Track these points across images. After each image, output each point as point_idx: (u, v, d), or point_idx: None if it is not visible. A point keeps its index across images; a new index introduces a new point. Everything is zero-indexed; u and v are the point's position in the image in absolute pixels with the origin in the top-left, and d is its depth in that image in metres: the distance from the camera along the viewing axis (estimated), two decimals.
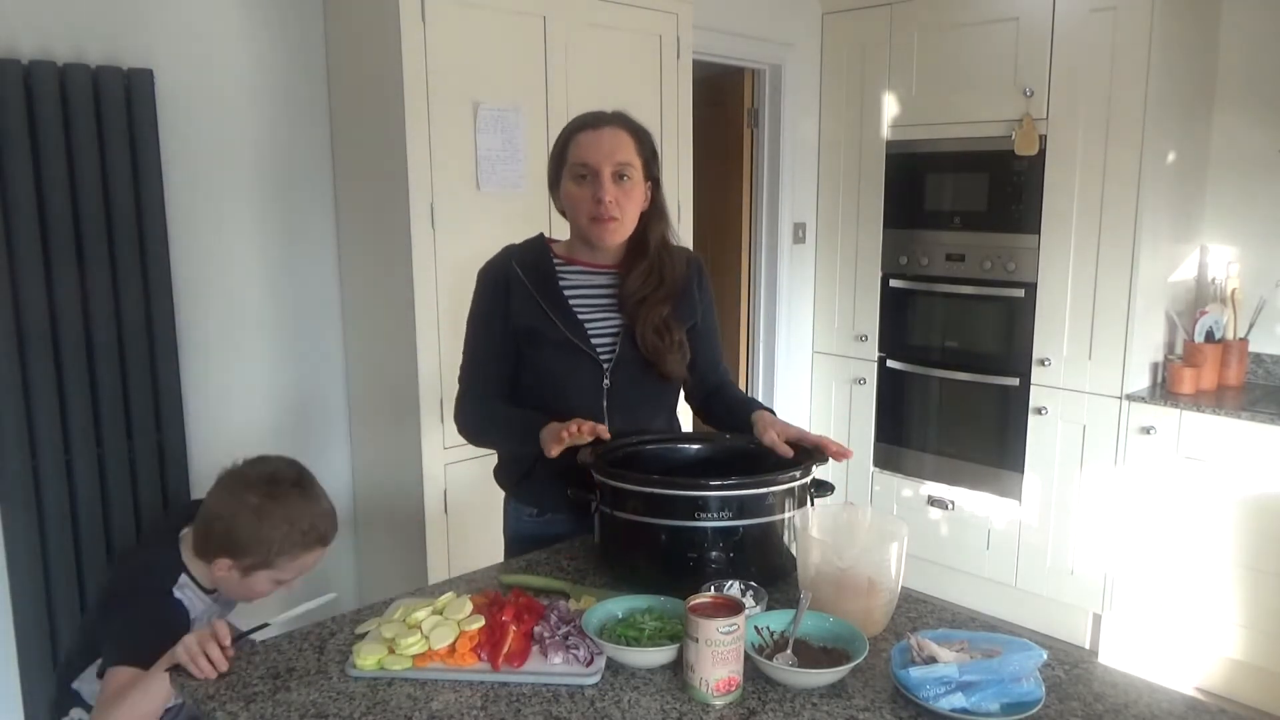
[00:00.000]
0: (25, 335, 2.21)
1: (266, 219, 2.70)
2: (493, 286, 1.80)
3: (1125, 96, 3.12)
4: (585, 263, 1.80)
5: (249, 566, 1.65)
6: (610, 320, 1.78)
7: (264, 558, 1.65)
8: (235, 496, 1.65)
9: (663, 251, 1.79)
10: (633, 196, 1.72)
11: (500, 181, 2.70)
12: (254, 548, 1.64)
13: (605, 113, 1.76)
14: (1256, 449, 2.90)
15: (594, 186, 1.69)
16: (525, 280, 1.77)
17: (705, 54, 3.48)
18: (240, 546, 1.64)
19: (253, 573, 1.66)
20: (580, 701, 1.25)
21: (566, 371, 1.75)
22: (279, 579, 1.69)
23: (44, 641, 2.30)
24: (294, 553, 1.66)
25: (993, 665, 1.21)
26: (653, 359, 1.75)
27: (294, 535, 1.65)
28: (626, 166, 1.70)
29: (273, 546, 1.64)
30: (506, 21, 2.67)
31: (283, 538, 1.64)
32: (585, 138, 1.71)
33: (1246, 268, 3.33)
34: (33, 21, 2.24)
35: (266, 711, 1.22)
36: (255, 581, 1.68)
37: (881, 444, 3.97)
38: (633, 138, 1.73)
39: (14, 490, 2.23)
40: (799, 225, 4.06)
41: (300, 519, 1.67)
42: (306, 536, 1.67)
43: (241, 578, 1.66)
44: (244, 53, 2.60)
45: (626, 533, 1.57)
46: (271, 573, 1.67)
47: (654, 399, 1.84)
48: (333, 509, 1.74)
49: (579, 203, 1.72)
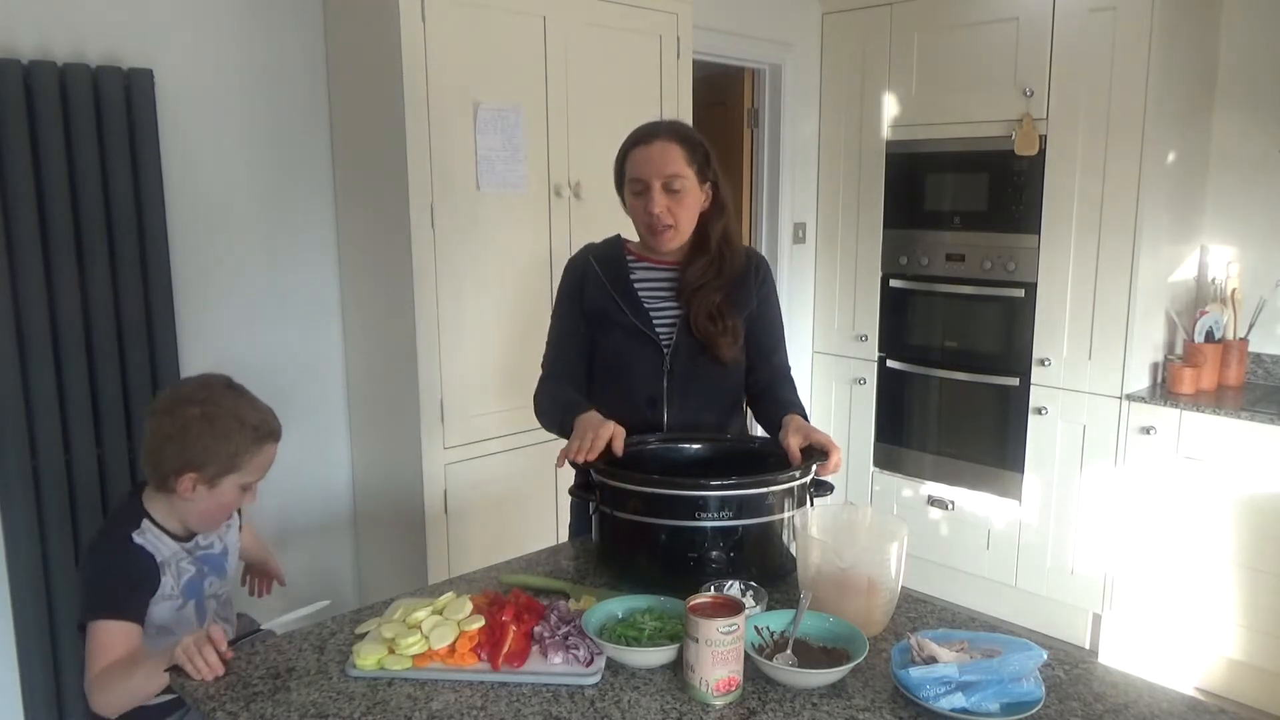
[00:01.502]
0: (25, 335, 2.21)
1: (266, 219, 2.70)
2: (571, 275, 1.96)
3: (1125, 96, 3.12)
4: (652, 260, 1.93)
5: (214, 475, 1.63)
6: (673, 310, 1.89)
7: (227, 461, 1.63)
8: (176, 415, 1.64)
9: (723, 246, 1.89)
10: (685, 204, 1.83)
11: (500, 181, 2.70)
12: (213, 454, 1.62)
13: (658, 126, 1.87)
14: (1256, 449, 2.90)
15: (646, 199, 1.81)
16: (599, 271, 1.91)
17: (705, 54, 3.48)
18: (199, 458, 1.62)
19: (219, 481, 1.64)
20: (580, 701, 1.25)
21: (631, 355, 1.88)
22: (244, 482, 1.68)
23: (44, 641, 2.30)
24: (251, 450, 1.66)
25: (993, 665, 1.21)
26: (706, 342, 1.85)
27: (247, 432, 1.65)
28: (676, 178, 1.80)
29: (230, 448, 1.63)
30: (506, 21, 2.67)
31: (238, 437, 1.65)
32: (638, 154, 1.83)
33: (1246, 268, 3.33)
34: (33, 21, 2.24)
35: (266, 711, 1.22)
36: (223, 492, 1.65)
37: (881, 444, 3.97)
38: (682, 147, 1.82)
39: (14, 490, 2.23)
40: (799, 225, 4.06)
41: (247, 415, 1.66)
42: (259, 431, 1.67)
43: (209, 490, 1.64)
44: (244, 53, 2.60)
45: (626, 533, 1.57)
46: (236, 476, 1.66)
47: (711, 385, 1.92)
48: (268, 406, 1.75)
49: (637, 214, 1.86)
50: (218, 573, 1.77)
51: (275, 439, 1.71)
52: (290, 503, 2.81)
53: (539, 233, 2.83)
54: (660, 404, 1.86)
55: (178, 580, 1.67)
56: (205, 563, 1.74)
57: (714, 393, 1.92)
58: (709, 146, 1.87)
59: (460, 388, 2.68)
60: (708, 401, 1.91)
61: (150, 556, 1.63)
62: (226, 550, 1.80)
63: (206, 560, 1.74)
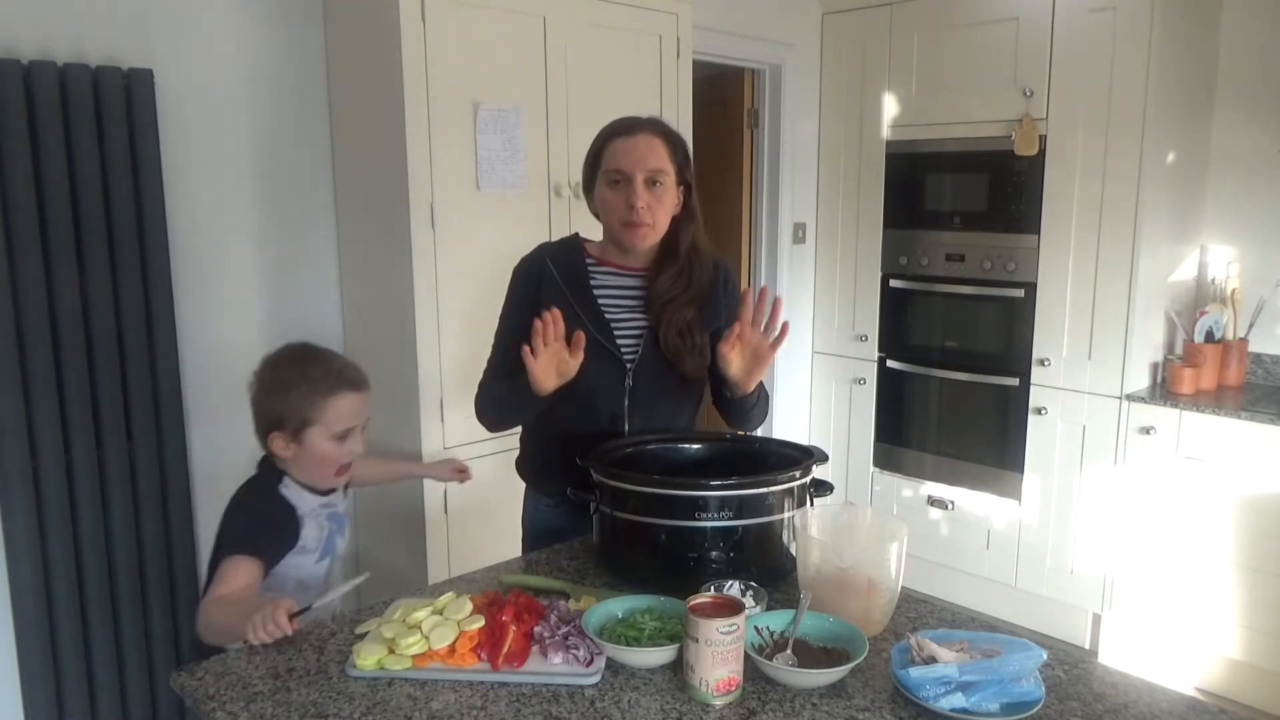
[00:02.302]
0: (25, 335, 2.21)
1: (266, 219, 2.70)
2: (524, 279, 1.85)
3: (1125, 96, 3.12)
4: (616, 264, 1.84)
5: (294, 431, 1.71)
6: (636, 321, 1.81)
7: (300, 415, 1.71)
8: (257, 381, 1.76)
9: (692, 255, 1.82)
10: (664, 202, 1.76)
11: (500, 182, 2.70)
12: (287, 411, 1.71)
13: (640, 119, 1.79)
14: (1256, 449, 2.90)
15: (627, 192, 1.73)
16: (557, 276, 1.81)
17: (705, 54, 3.48)
18: (278, 417, 1.72)
19: (302, 434, 1.71)
20: (580, 701, 1.25)
21: (593, 372, 1.76)
22: (331, 432, 1.72)
23: (44, 641, 2.30)
24: (322, 401, 1.71)
25: (993, 665, 1.21)
26: (674, 360, 1.78)
27: (312, 384, 1.72)
28: (659, 173, 1.73)
29: (300, 400, 1.71)
30: (506, 21, 2.67)
31: (306, 388, 1.71)
32: (620, 144, 1.74)
33: (1246, 268, 3.33)
34: (33, 21, 2.24)
35: (266, 711, 1.22)
36: (313, 445, 1.72)
37: (881, 444, 3.97)
38: (666, 144, 1.75)
39: (14, 490, 2.23)
40: (799, 225, 4.06)
41: (312, 369, 1.74)
42: (327, 381, 1.73)
43: (299, 445, 1.72)
44: (244, 53, 2.60)
45: (626, 533, 1.57)
46: (318, 428, 1.71)
47: (675, 400, 1.86)
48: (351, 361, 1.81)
49: (613, 208, 1.76)
50: (342, 532, 1.84)
51: (350, 389, 1.75)
52: None
53: (539, 233, 2.82)
54: (622, 419, 1.80)
55: (320, 534, 1.75)
56: (334, 521, 1.81)
57: (676, 403, 1.87)
58: (688, 149, 1.81)
59: (461, 388, 2.68)
60: (671, 413, 1.86)
61: (293, 508, 1.73)
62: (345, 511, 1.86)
63: (334, 519, 1.81)
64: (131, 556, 2.42)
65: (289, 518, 1.72)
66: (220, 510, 1.71)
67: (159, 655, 2.49)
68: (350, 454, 1.76)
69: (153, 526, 2.45)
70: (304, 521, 1.74)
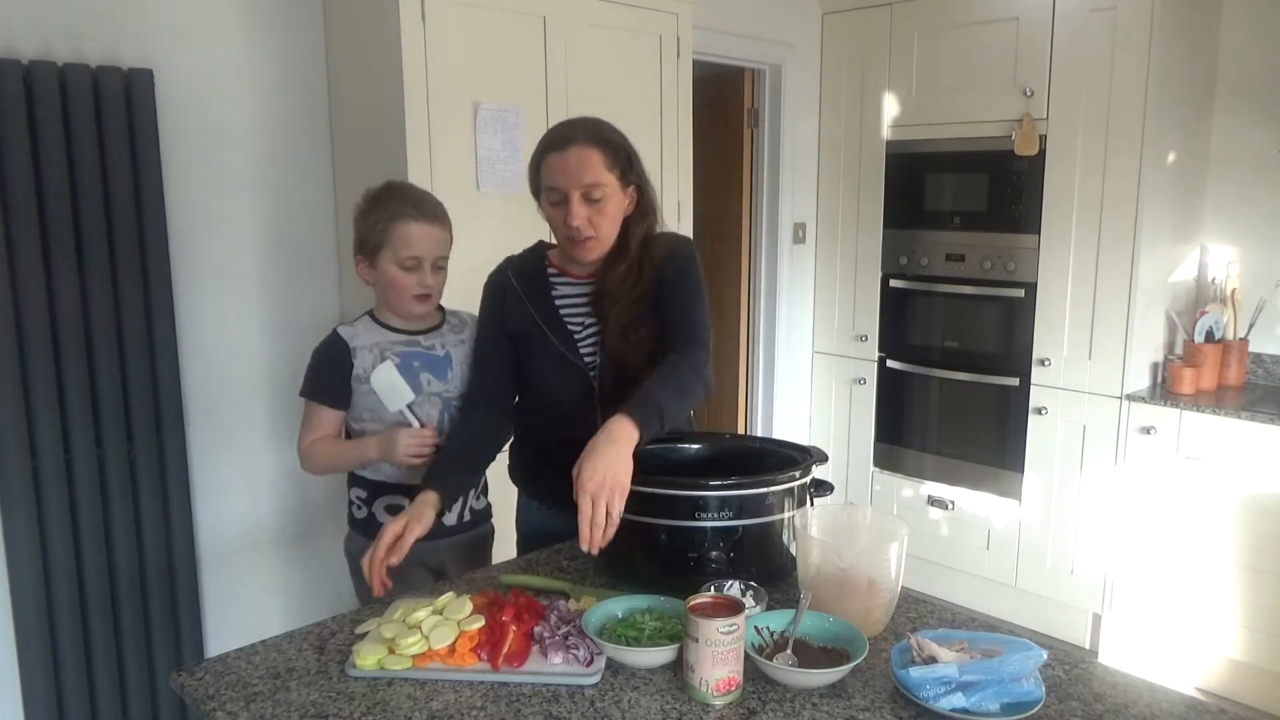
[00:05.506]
0: (25, 335, 2.21)
1: (266, 219, 2.70)
2: (491, 294, 1.90)
3: (1125, 96, 3.12)
4: (573, 274, 1.84)
5: (369, 255, 1.88)
6: (594, 326, 1.80)
7: (374, 240, 1.86)
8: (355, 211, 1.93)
9: (643, 253, 1.78)
10: (606, 212, 1.72)
11: (500, 182, 2.70)
12: (364, 235, 1.88)
13: (574, 128, 1.74)
14: (1256, 449, 2.90)
15: (565, 211, 1.71)
16: (519, 290, 1.84)
17: (705, 54, 3.48)
18: (359, 240, 1.89)
19: (376, 259, 1.87)
20: (580, 701, 1.25)
21: (559, 380, 1.80)
22: (399, 259, 1.85)
23: (44, 641, 2.30)
24: (391, 226, 1.84)
25: (993, 665, 1.21)
26: (619, 363, 1.76)
27: (385, 209, 1.86)
28: (595, 187, 1.69)
29: (374, 225, 1.86)
30: (506, 21, 2.67)
31: (381, 213, 1.86)
32: (553, 160, 1.71)
33: (1246, 268, 3.33)
34: (33, 21, 2.24)
35: (266, 711, 1.22)
36: (385, 270, 1.87)
37: (881, 444, 3.97)
38: (602, 152, 1.70)
39: (14, 490, 2.23)
40: (799, 225, 4.06)
41: (386, 199, 1.88)
42: (399, 207, 1.86)
43: (374, 270, 1.89)
44: (244, 53, 2.60)
45: (626, 533, 1.57)
46: (387, 251, 1.85)
47: None
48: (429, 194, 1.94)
49: (556, 224, 1.76)
50: (437, 374, 1.92)
51: (420, 219, 1.86)
52: (292, 503, 2.81)
53: (539, 233, 2.81)
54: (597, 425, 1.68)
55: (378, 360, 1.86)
56: (422, 359, 1.91)
57: None
58: (630, 147, 1.76)
59: None
60: None
61: (344, 342, 1.89)
62: (450, 359, 1.95)
63: (425, 358, 1.91)
64: (131, 557, 2.42)
65: (339, 350, 1.88)
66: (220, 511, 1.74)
67: (159, 655, 2.49)
68: (423, 285, 1.87)
69: (153, 527, 2.45)
70: (356, 353, 1.88)
